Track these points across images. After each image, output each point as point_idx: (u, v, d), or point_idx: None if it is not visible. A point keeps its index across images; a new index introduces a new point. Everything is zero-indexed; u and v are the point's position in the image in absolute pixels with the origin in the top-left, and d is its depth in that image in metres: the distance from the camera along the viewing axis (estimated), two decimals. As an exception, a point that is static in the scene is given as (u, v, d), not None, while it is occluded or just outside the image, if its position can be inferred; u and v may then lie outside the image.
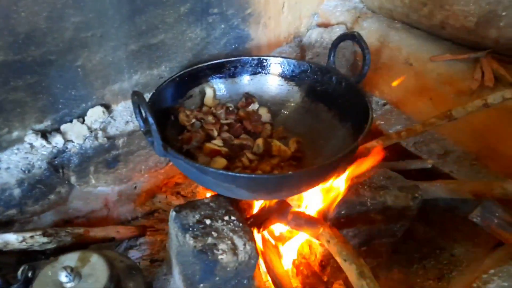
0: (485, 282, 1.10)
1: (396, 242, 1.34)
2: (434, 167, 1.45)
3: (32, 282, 0.94)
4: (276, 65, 1.42)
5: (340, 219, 1.21)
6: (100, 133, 1.31)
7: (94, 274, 0.95)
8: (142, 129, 1.06)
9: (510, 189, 1.26)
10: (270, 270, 1.25)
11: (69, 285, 0.92)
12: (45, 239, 1.19)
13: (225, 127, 1.30)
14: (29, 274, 0.96)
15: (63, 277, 0.91)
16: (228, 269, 0.99)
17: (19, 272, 0.96)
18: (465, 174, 1.44)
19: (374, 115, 1.15)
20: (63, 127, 1.26)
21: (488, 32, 1.45)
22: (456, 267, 1.34)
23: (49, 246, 1.20)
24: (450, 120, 1.29)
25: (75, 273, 0.93)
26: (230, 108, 1.35)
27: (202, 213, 1.08)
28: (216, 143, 1.23)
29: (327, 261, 1.31)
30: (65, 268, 0.91)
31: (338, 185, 1.18)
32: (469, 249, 1.38)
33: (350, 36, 1.27)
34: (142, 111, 1.02)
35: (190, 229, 1.03)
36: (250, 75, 1.44)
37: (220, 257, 0.97)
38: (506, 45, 1.45)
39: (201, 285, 1.01)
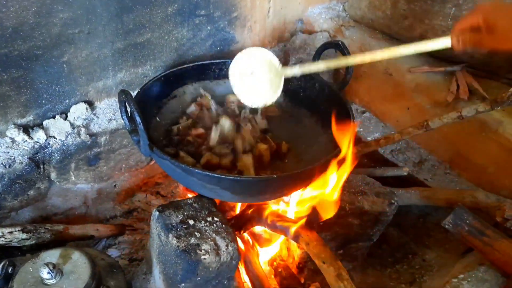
0: (455, 287, 1.15)
1: (371, 246, 1.38)
2: (409, 175, 1.50)
3: (12, 278, 0.93)
4: (261, 69, 1.44)
5: (319, 223, 1.24)
6: (82, 130, 1.30)
7: (76, 272, 0.95)
8: (127, 128, 1.06)
9: (480, 198, 1.33)
10: (249, 271, 1.27)
11: (50, 282, 0.92)
12: (24, 235, 1.17)
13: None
14: (9, 270, 0.95)
15: (45, 273, 0.90)
16: (210, 269, 1.01)
17: (-1, 268, 0.94)
18: (439, 182, 1.50)
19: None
20: (45, 122, 1.24)
21: (464, 47, 1.51)
22: (428, 271, 1.39)
23: (28, 243, 1.19)
24: (427, 130, 1.34)
25: (57, 270, 0.92)
26: None
27: (185, 213, 1.09)
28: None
29: (304, 263, 1.34)
30: (47, 264, 0.91)
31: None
32: (440, 254, 1.43)
33: (335, 44, 1.31)
34: (128, 110, 1.03)
35: (173, 229, 1.03)
36: (235, 77, 1.45)
37: (203, 257, 0.98)
38: (480, 60, 1.52)
39: (183, 284, 1.02)
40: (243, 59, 1.18)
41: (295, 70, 1.14)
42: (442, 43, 0.94)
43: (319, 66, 1.12)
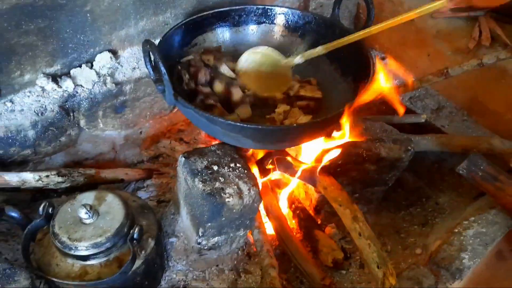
0: (465, 228, 1.21)
1: (386, 190, 1.43)
2: (427, 122, 1.52)
3: (53, 217, 1.01)
4: (280, 15, 1.44)
5: (336, 169, 1.28)
6: (108, 79, 1.34)
7: (111, 212, 1.02)
8: (152, 78, 1.09)
9: (496, 144, 1.35)
10: (269, 212, 1.34)
11: (88, 221, 0.99)
12: (59, 179, 1.25)
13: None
14: (50, 211, 1.03)
15: (83, 213, 0.98)
16: (234, 211, 1.08)
17: (41, 208, 1.01)
18: (455, 129, 1.51)
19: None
20: (72, 71, 1.28)
21: (489, -9, 1.47)
22: (440, 214, 1.44)
23: (63, 186, 1.27)
24: (446, 77, 1.34)
25: (93, 210, 1.00)
26: None
27: (209, 159, 1.14)
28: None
29: (321, 206, 1.40)
30: (84, 205, 0.99)
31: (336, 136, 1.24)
32: (453, 198, 1.48)
33: (356, -11, 1.29)
34: (152, 59, 1.05)
35: (199, 174, 1.10)
36: (255, 24, 1.45)
37: (227, 200, 1.05)
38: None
39: (209, 224, 1.10)
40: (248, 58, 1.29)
41: (298, 59, 1.28)
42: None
43: (318, 50, 1.24)
